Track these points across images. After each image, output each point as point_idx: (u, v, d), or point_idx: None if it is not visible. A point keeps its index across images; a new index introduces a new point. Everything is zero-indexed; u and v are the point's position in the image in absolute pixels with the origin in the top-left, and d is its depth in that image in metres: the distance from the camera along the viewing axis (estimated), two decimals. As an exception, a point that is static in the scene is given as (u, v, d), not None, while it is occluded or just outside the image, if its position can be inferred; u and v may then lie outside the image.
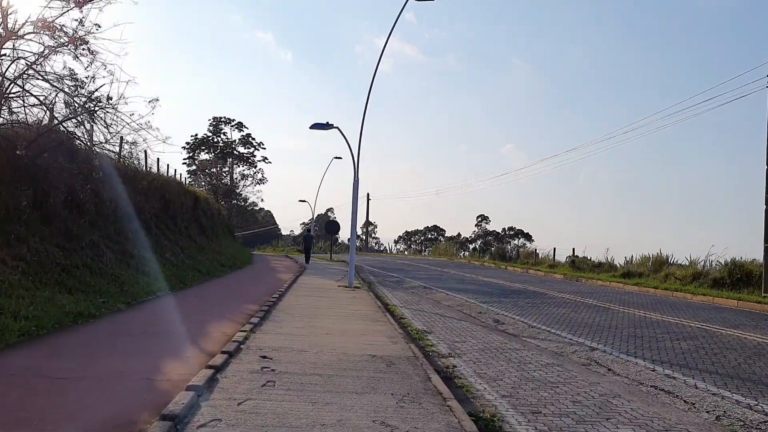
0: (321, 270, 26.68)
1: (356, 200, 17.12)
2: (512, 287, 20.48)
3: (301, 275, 21.80)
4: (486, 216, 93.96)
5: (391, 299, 16.01)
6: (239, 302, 12.04)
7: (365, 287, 17.83)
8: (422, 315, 12.96)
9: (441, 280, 23.00)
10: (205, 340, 7.43)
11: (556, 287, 20.99)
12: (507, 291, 19.01)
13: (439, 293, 18.00)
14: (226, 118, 46.37)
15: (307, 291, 15.41)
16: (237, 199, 47.89)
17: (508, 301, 15.96)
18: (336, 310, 11.51)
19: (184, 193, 22.24)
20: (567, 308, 14.71)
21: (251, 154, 47.40)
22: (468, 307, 14.79)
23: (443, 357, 8.36)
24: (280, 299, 12.67)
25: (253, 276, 20.37)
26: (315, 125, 17.09)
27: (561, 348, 9.62)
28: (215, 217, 27.67)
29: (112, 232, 14.39)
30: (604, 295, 18.58)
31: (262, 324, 8.86)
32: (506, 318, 12.91)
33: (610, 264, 29.65)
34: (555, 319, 12.74)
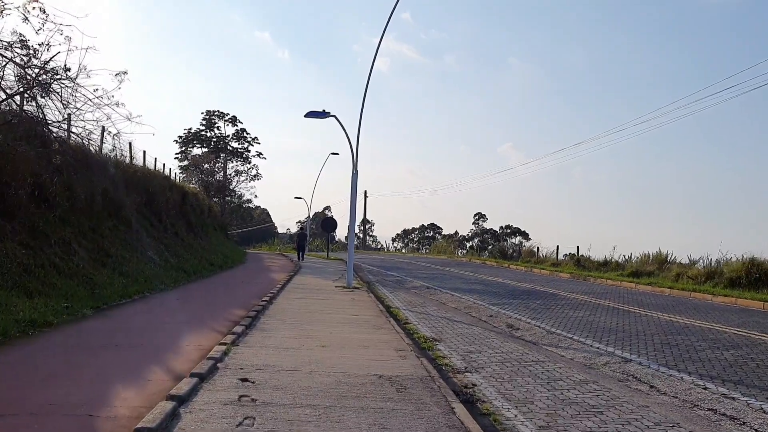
0: (317, 269, 25.45)
1: (355, 195, 15.90)
2: (520, 287, 19.29)
3: (296, 275, 20.56)
4: (483, 214, 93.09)
5: (393, 301, 14.79)
6: (225, 306, 10.79)
7: (364, 288, 16.61)
8: (428, 319, 11.75)
9: (443, 280, 21.80)
10: (175, 357, 6.19)
11: (566, 287, 19.82)
12: (515, 291, 17.82)
13: (443, 294, 16.79)
14: (219, 111, 44.97)
15: (301, 292, 14.18)
16: (230, 196, 46.50)
17: (519, 303, 14.77)
18: (333, 314, 10.28)
19: (171, 187, 20.96)
20: (584, 311, 13.52)
21: (245, 150, 46.02)
22: (476, 309, 13.59)
23: (459, 373, 7.16)
24: (270, 302, 11.44)
25: (243, 276, 19.11)
26: (310, 113, 15.84)
27: (590, 359, 8.44)
28: (205, 214, 26.38)
29: (86, 229, 13.13)
30: (619, 295, 17.41)
31: (248, 334, 7.63)
32: (520, 322, 11.73)
33: (616, 263, 28.49)
34: (574, 324, 11.56)
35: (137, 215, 16.82)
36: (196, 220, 23.08)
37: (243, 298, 12.27)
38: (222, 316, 9.40)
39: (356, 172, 15.98)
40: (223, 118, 45.00)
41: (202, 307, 10.67)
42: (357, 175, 16.00)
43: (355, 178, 15.96)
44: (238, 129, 45.77)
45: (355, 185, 15.86)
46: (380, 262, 34.83)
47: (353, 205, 15.88)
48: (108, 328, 7.91)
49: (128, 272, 13.00)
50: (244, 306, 10.65)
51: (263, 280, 17.61)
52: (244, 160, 45.96)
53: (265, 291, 13.67)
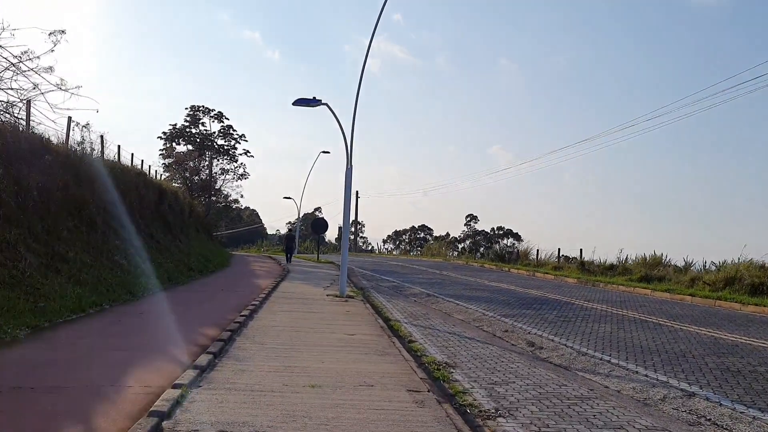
0: (307, 273, 23.69)
1: (349, 192, 14.21)
2: (528, 294, 17.69)
3: (283, 280, 18.82)
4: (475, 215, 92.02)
5: (392, 312, 13.12)
6: (195, 323, 9.04)
7: (359, 296, 14.92)
8: (436, 336, 10.09)
9: (443, 286, 20.16)
10: (105, 410, 4.45)
11: (578, 294, 18.25)
12: (525, 300, 16.21)
13: (446, 302, 15.15)
14: (204, 107, 42.93)
15: (288, 303, 12.46)
16: (216, 196, 44.52)
17: (533, 315, 13.16)
18: (325, 334, 8.57)
19: (146, 184, 19.14)
20: (609, 324, 11.94)
21: (232, 147, 44.05)
22: (487, 322, 11.95)
23: (489, 418, 5.50)
24: (251, 317, 9.71)
25: (225, 283, 17.34)
26: (299, 101, 14.14)
27: (642, 392, 6.83)
28: (186, 214, 24.54)
29: (39, 230, 11.33)
30: (638, 303, 15.85)
31: (215, 366, 5.92)
32: (542, 339, 10.11)
33: (623, 266, 27.00)
34: (604, 342, 9.97)
35: (104, 214, 15.01)
36: (175, 221, 21.27)
37: (219, 311, 10.53)
38: (189, 338, 7.67)
39: (351, 168, 14.31)
40: (209, 113, 42.99)
41: (167, 324, 8.91)
42: (351, 170, 14.32)
43: (349, 174, 14.28)
44: (224, 125, 43.81)
45: (349, 182, 14.19)
46: (373, 265, 33.14)
47: (347, 203, 14.20)
48: (33, 359, 6.14)
49: (87, 280, 11.22)
50: (218, 323, 8.92)
51: (246, 288, 15.85)
52: (230, 158, 44.01)
53: (247, 302, 11.94)
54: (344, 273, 14.39)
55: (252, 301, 12.00)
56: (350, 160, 14.32)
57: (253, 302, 11.64)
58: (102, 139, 19.53)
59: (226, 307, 11.13)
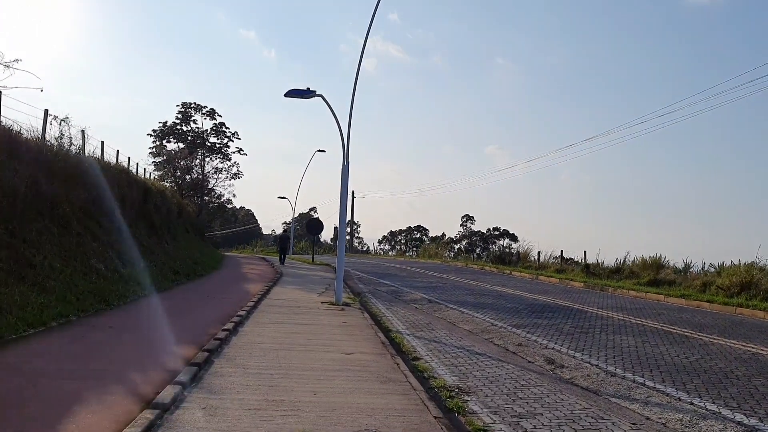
0: (301, 277, 22.57)
1: (346, 189, 13.11)
2: (537, 300, 16.64)
3: (275, 285, 17.70)
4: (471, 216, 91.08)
5: (393, 322, 12.04)
6: (170, 340, 7.92)
7: (356, 303, 13.82)
8: (443, 352, 9.02)
9: (445, 290, 19.09)
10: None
11: (588, 300, 17.21)
12: (534, 306, 15.15)
13: (449, 310, 14.08)
14: (196, 104, 41.66)
15: (278, 313, 11.35)
16: (209, 195, 43.25)
17: (546, 324, 12.10)
18: (319, 353, 7.46)
19: (130, 182, 17.98)
20: (631, 336, 10.89)
21: (225, 145, 42.79)
22: (497, 334, 10.89)
23: (522, 471, 4.43)
24: (235, 331, 8.60)
25: (212, 288, 16.20)
26: (292, 92, 13.03)
27: (692, 426, 5.78)
28: (173, 214, 23.35)
29: (1, 232, 10.19)
30: (655, 311, 14.82)
31: (183, 403, 4.82)
32: (561, 356, 9.05)
33: (630, 269, 26.00)
34: (631, 358, 8.93)
35: (80, 215, 13.86)
36: (162, 221, 20.10)
37: (200, 323, 9.40)
38: (158, 361, 6.55)
39: (347, 164, 13.22)
40: (201, 110, 41.74)
41: (138, 341, 7.78)
42: (348, 167, 13.23)
43: (346, 171, 13.19)
44: (216, 123, 42.54)
45: (346, 178, 13.10)
46: (370, 267, 32.04)
47: (344, 201, 13.11)
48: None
49: (54, 288, 10.08)
50: (196, 339, 7.80)
51: (234, 294, 14.72)
52: (223, 157, 42.77)
53: (233, 311, 10.82)
54: (340, 279, 13.29)
55: (239, 310, 10.88)
56: (347, 156, 13.23)
57: (239, 312, 10.52)
58: (83, 134, 18.39)
59: (209, 318, 10.01)
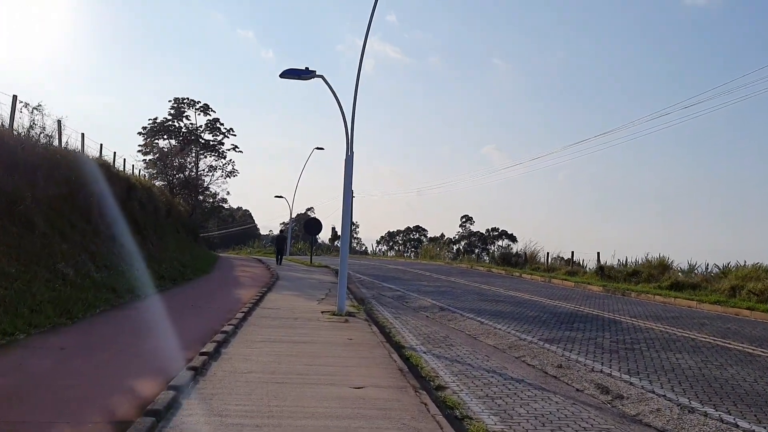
0: (298, 280, 20.94)
1: (350, 184, 11.50)
2: (559, 308, 15.04)
3: (270, 290, 16.07)
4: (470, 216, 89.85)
5: (404, 335, 10.44)
6: (131, 369, 6.27)
7: (361, 312, 12.20)
8: (471, 377, 7.41)
9: (455, 296, 17.49)
10: None
11: (616, 307, 15.62)
12: (559, 315, 13.56)
13: (466, 320, 12.48)
14: (189, 99, 39.91)
15: (272, 326, 9.72)
16: (203, 195, 41.54)
17: (581, 338, 10.52)
18: (321, 388, 5.82)
19: (109, 178, 16.32)
20: (686, 354, 9.31)
21: (219, 142, 41.06)
22: (529, 351, 9.29)
23: None
24: (217, 355, 6.96)
25: (199, 294, 14.55)
26: (288, 72, 11.42)
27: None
28: (161, 213, 21.68)
29: (-60, 232, 8.55)
30: (697, 321, 13.22)
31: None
32: (614, 381, 7.47)
33: (649, 272, 24.39)
34: (699, 384, 7.36)
35: (48, 212, 12.23)
36: (147, 221, 18.45)
37: (175, 343, 7.75)
38: (105, 405, 4.91)
39: (351, 155, 11.61)
40: (194, 106, 39.99)
41: (87, 372, 6.12)
42: (352, 158, 11.63)
43: (350, 163, 11.58)
44: (210, 119, 40.78)
45: (350, 171, 11.50)
46: (371, 269, 30.42)
47: (347, 197, 11.50)
48: None
49: (3, 298, 8.43)
50: (165, 367, 6.15)
51: (223, 302, 13.08)
52: (218, 155, 41.02)
53: (218, 325, 9.19)
54: (343, 285, 11.67)
55: (225, 323, 9.25)
56: (351, 146, 11.62)
57: (226, 326, 8.88)
58: (59, 124, 16.74)
59: (189, 334, 8.37)
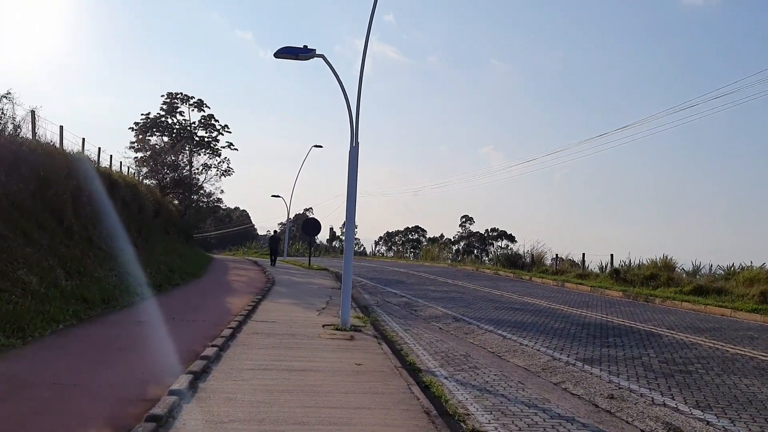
0: (296, 286, 19.45)
1: (355, 177, 10.03)
2: (585, 318, 13.58)
3: (264, 297, 14.59)
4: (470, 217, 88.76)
5: (418, 353, 8.98)
6: (72, 415, 4.79)
7: (367, 325, 10.72)
8: (509, 414, 5.96)
9: (468, 303, 16.03)
10: None
11: (646, 316, 14.17)
12: (588, 327, 12.10)
13: (485, 333, 11.03)
14: (183, 94, 38.34)
15: (264, 347, 8.24)
16: (197, 194, 39.97)
17: (623, 357, 9.08)
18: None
19: (87, 173, 14.80)
20: (755, 379, 7.88)
21: (214, 139, 39.45)
22: (568, 374, 7.85)
23: None
24: (193, 388, 5.48)
25: (183, 304, 13.02)
26: (284, 50, 9.94)
27: None
28: (149, 213, 20.14)
29: None
30: (744, 334, 11.77)
31: None
32: (688, 420, 6.05)
33: (668, 276, 22.96)
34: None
35: (12, 211, 10.73)
36: (131, 221, 16.94)
37: (140, 374, 6.25)
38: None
39: (357, 145, 10.14)
40: (187, 101, 38.42)
41: (8, 420, 4.64)
42: (358, 149, 10.15)
43: (355, 154, 10.11)
44: (205, 115, 39.19)
45: (355, 163, 10.03)
46: (372, 272, 28.92)
47: (352, 191, 10.02)
48: None
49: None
50: (113, 416, 4.67)
51: (210, 313, 11.58)
52: (213, 152, 39.40)
53: (200, 346, 7.70)
54: (348, 295, 10.18)
55: (209, 343, 7.76)
56: (356, 136, 10.15)
57: (208, 349, 7.39)
58: (33, 115, 15.24)
59: (160, 361, 6.88)
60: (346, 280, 10.26)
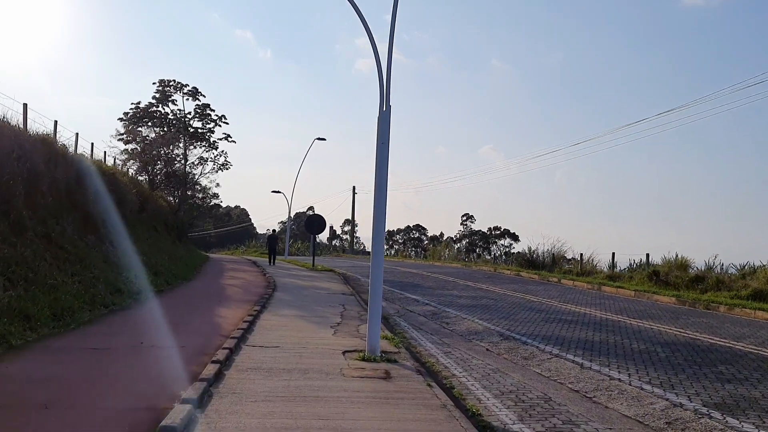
0: (300, 291, 16.87)
1: (386, 150, 7.45)
2: (661, 333, 10.99)
3: (265, 308, 12.03)
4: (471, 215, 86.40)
5: (476, 390, 6.41)
6: None
7: (401, 349, 8.15)
8: None
9: (505, 313, 13.48)
10: None
11: (739, 333, 11.55)
12: (681, 349, 9.50)
13: (551, 358, 8.46)
14: (176, 81, 35.58)
15: (267, 396, 5.66)
16: (192, 190, 37.35)
17: (761, 397, 6.51)
18: None
19: (50, 158, 12.20)
20: None
21: (210, 131, 36.75)
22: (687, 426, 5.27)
23: None
24: None
25: (163, 318, 10.38)
26: None
27: None
28: (132, 207, 17.54)
29: None
30: None
31: None
32: None
33: (718, 277, 20.38)
34: None
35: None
36: (107, 216, 14.37)
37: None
38: None
39: (389, 109, 7.57)
40: (181, 90, 35.71)
41: None
42: (390, 113, 7.58)
43: (386, 120, 7.53)
44: (200, 104, 36.48)
45: (386, 130, 7.46)
46: (383, 273, 26.27)
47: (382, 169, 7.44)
48: None
49: None
50: None
51: (192, 335, 8.96)
52: (209, 145, 36.70)
53: (165, 398, 5.12)
54: (377, 313, 7.59)
55: (181, 393, 5.17)
56: (387, 97, 7.57)
57: (178, 408, 4.81)
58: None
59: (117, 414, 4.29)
60: (374, 294, 7.67)
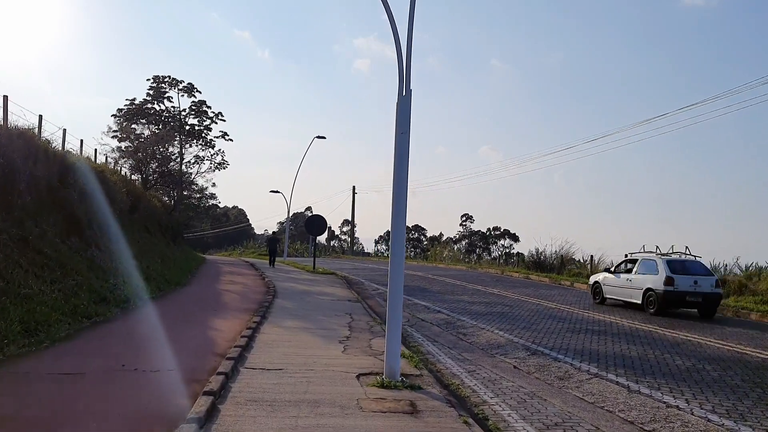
0: (302, 297, 15.80)
1: (407, 138, 6.39)
2: (702, 346, 9.94)
3: (265, 319, 10.96)
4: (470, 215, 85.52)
5: (514, 423, 5.36)
6: None
7: (423, 371, 7.12)
8: None
9: (526, 322, 12.45)
10: None
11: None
12: (731, 366, 8.46)
13: (590, 377, 7.42)
14: (171, 78, 34.40)
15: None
16: (188, 189, 36.19)
17: None
18: None
19: (28, 153, 11.12)
20: None
21: (206, 128, 35.56)
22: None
23: None
24: None
25: (149, 333, 9.28)
26: None
27: None
28: (120, 207, 16.42)
29: None
30: None
31: None
32: None
33: (740, 281, 19.35)
34: None
35: None
36: (93, 216, 13.25)
37: None
38: None
39: (409, 92, 6.52)
40: (176, 86, 34.52)
41: None
42: (410, 97, 6.53)
43: (406, 105, 6.47)
44: (195, 101, 35.32)
45: (406, 115, 6.41)
46: (383, 275, 25.03)
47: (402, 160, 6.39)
48: None
49: None
50: None
51: (183, 354, 7.87)
52: (205, 143, 35.54)
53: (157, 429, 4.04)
54: (396, 329, 6.55)
55: None
56: (408, 80, 6.52)
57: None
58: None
59: None
60: (394, 306, 6.62)
